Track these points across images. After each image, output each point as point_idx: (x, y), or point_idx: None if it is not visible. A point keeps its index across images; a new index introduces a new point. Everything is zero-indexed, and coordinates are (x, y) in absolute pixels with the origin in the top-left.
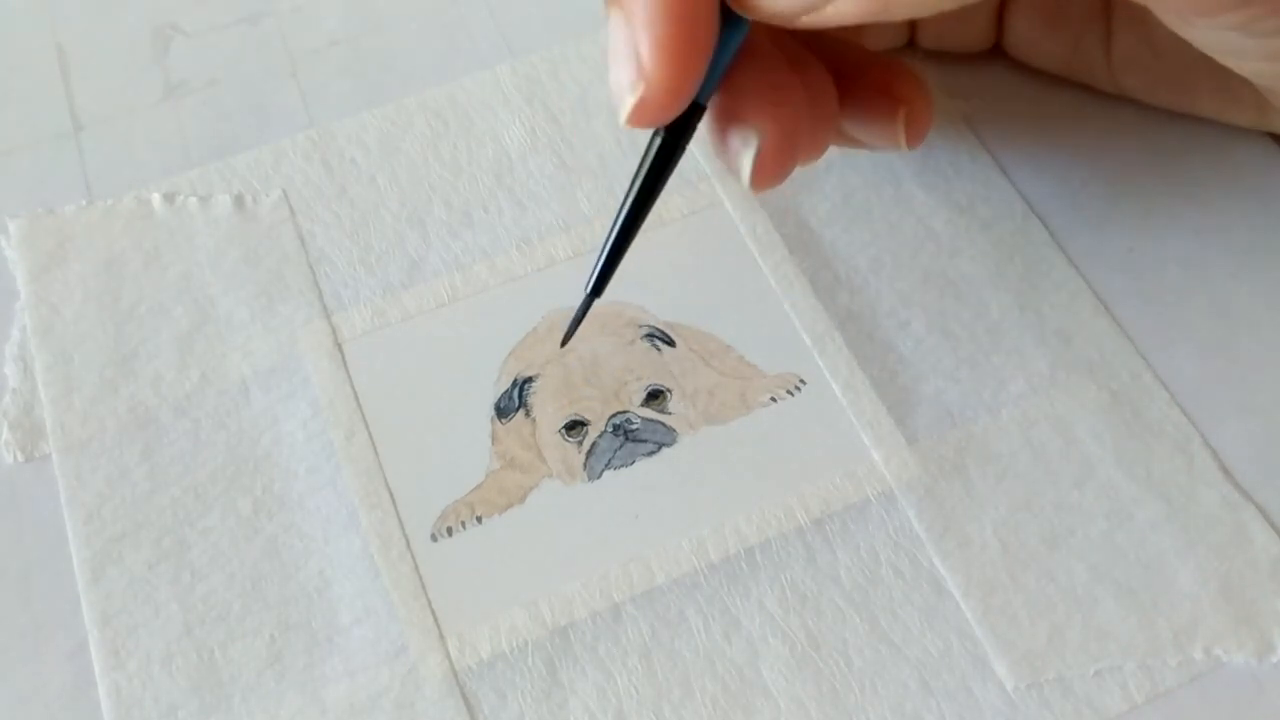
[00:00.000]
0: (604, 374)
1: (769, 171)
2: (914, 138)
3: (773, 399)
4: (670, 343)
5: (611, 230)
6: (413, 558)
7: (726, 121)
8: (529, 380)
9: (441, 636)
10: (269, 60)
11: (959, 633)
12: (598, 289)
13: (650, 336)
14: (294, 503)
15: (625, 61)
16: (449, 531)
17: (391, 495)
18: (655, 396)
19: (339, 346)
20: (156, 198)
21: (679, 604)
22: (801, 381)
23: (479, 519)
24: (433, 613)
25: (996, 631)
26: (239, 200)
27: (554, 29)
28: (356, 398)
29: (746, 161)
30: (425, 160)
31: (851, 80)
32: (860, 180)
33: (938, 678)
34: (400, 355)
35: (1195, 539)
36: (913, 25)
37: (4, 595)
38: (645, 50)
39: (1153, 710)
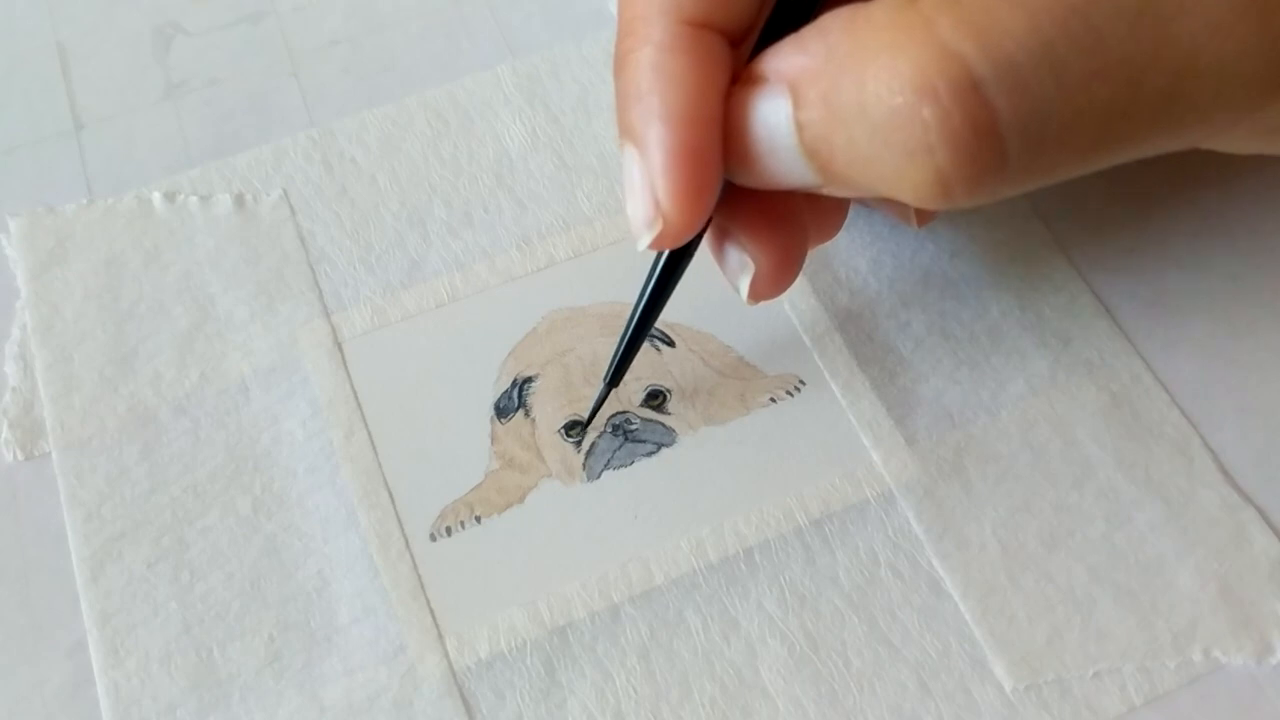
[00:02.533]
0: (603, 374)
1: (766, 293)
2: (924, 220)
3: (772, 399)
4: (670, 343)
5: (626, 330)
6: (411, 557)
7: (723, 240)
8: (528, 380)
9: (440, 636)
10: (270, 59)
11: (958, 634)
12: (615, 380)
13: (650, 336)
14: (293, 502)
15: (642, 199)
16: (448, 531)
17: (390, 495)
18: (655, 397)
19: (339, 346)
20: (157, 197)
21: (678, 604)
22: (801, 382)
23: (478, 519)
24: (431, 612)
25: (995, 632)
26: (239, 199)
27: (555, 29)
28: (356, 397)
29: (743, 284)
30: (426, 160)
31: None
32: None
33: (936, 679)
34: (400, 355)
35: (1194, 541)
36: None
37: (3, 593)
38: (661, 192)
39: (1151, 712)
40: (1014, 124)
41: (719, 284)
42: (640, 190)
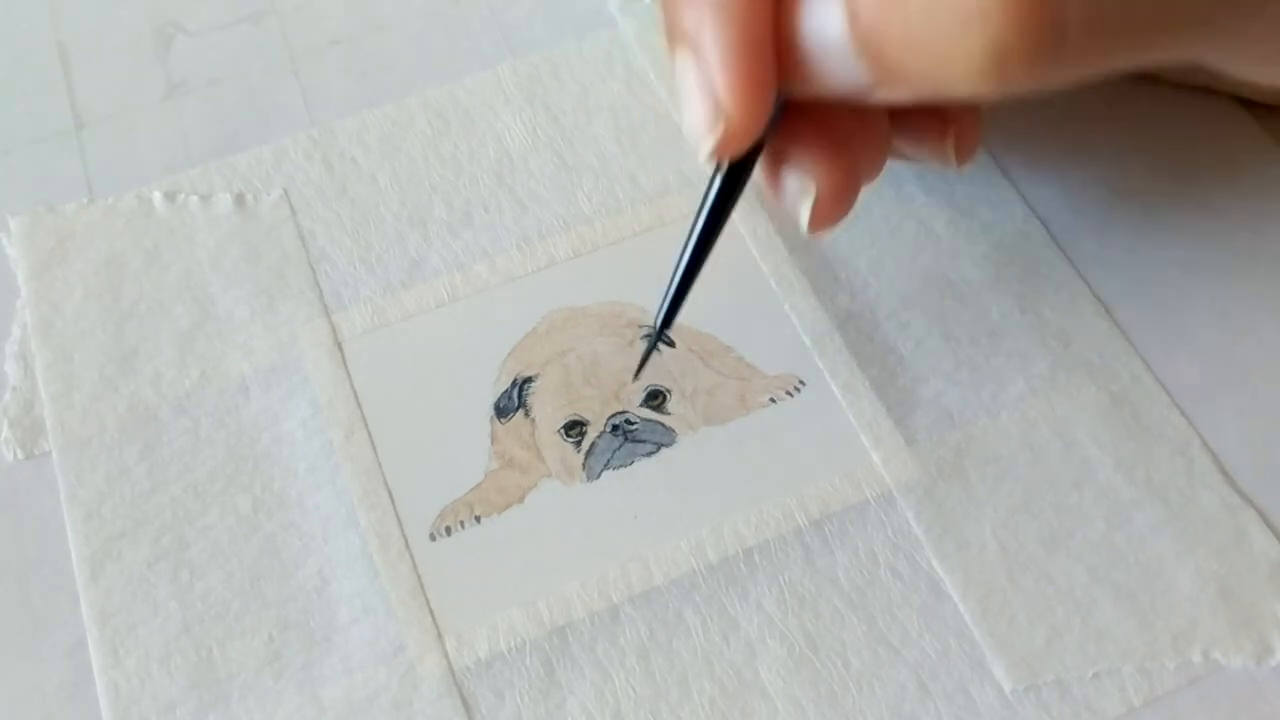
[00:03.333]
0: (603, 374)
1: (828, 218)
2: (964, 156)
3: (772, 400)
4: (670, 343)
5: (678, 266)
6: (411, 557)
7: (780, 164)
8: (528, 380)
9: (439, 636)
10: (270, 59)
11: (957, 634)
12: (667, 322)
13: (649, 337)
14: (293, 501)
15: (702, 101)
16: (447, 531)
17: (390, 494)
18: (654, 397)
19: (339, 345)
20: (157, 196)
21: (677, 604)
22: (801, 382)
23: (478, 518)
24: (431, 612)
25: (995, 633)
26: (240, 199)
27: (555, 29)
28: (356, 397)
29: (805, 209)
30: (426, 160)
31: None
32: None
33: (935, 679)
34: (400, 355)
35: (1194, 542)
36: None
37: (3, 592)
38: (722, 89)
39: (1151, 713)
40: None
41: (719, 284)
42: (698, 94)
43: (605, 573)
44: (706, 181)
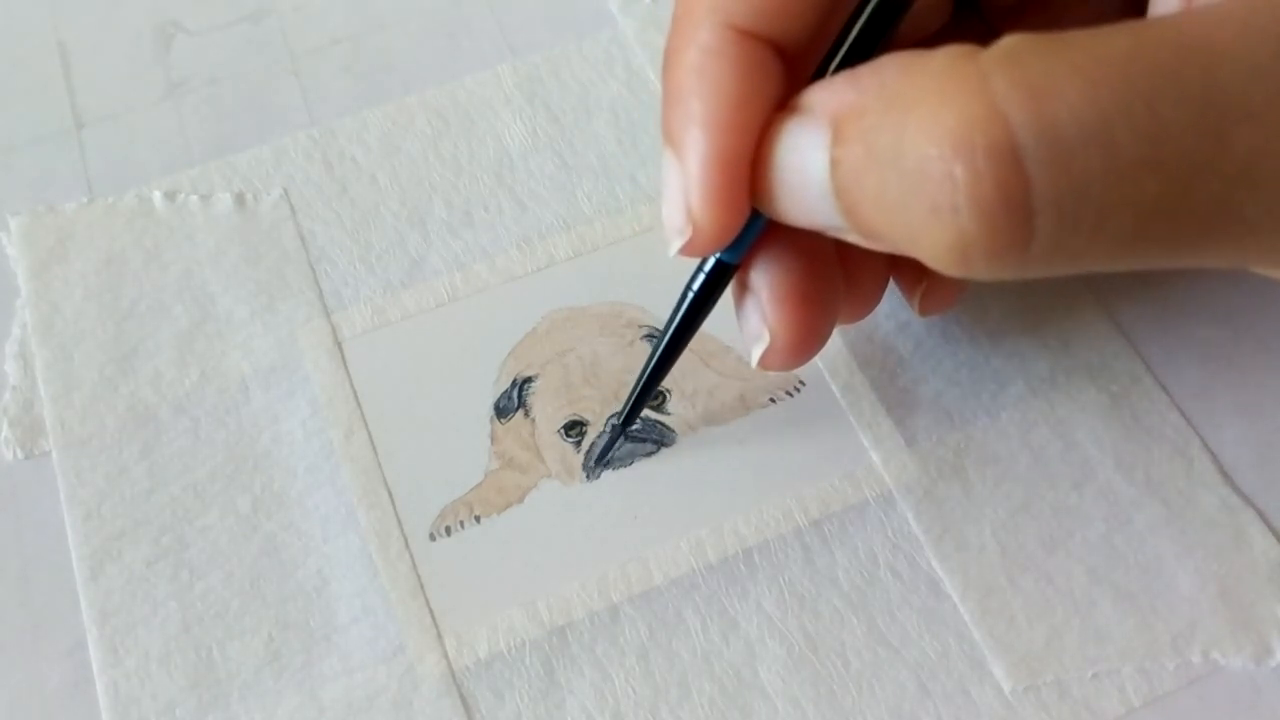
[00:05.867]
0: (603, 374)
1: (775, 366)
2: (928, 308)
3: (772, 400)
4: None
5: (647, 366)
6: (411, 557)
7: (743, 301)
8: (528, 380)
9: (439, 636)
10: (270, 59)
11: (957, 635)
12: (629, 420)
13: (650, 337)
14: (293, 501)
15: (677, 205)
16: (447, 531)
17: (390, 494)
18: (655, 397)
19: (339, 345)
20: (157, 196)
21: (677, 604)
22: (801, 383)
23: (477, 518)
24: (430, 612)
25: (994, 634)
26: (240, 198)
27: (555, 28)
28: (356, 396)
29: (755, 351)
30: (426, 159)
31: None
32: None
33: (935, 679)
34: (400, 354)
35: (1194, 542)
36: None
37: (3, 592)
38: (694, 198)
39: (1150, 713)
40: (1048, 201)
41: None
42: (675, 195)
43: (605, 573)
44: (680, 306)
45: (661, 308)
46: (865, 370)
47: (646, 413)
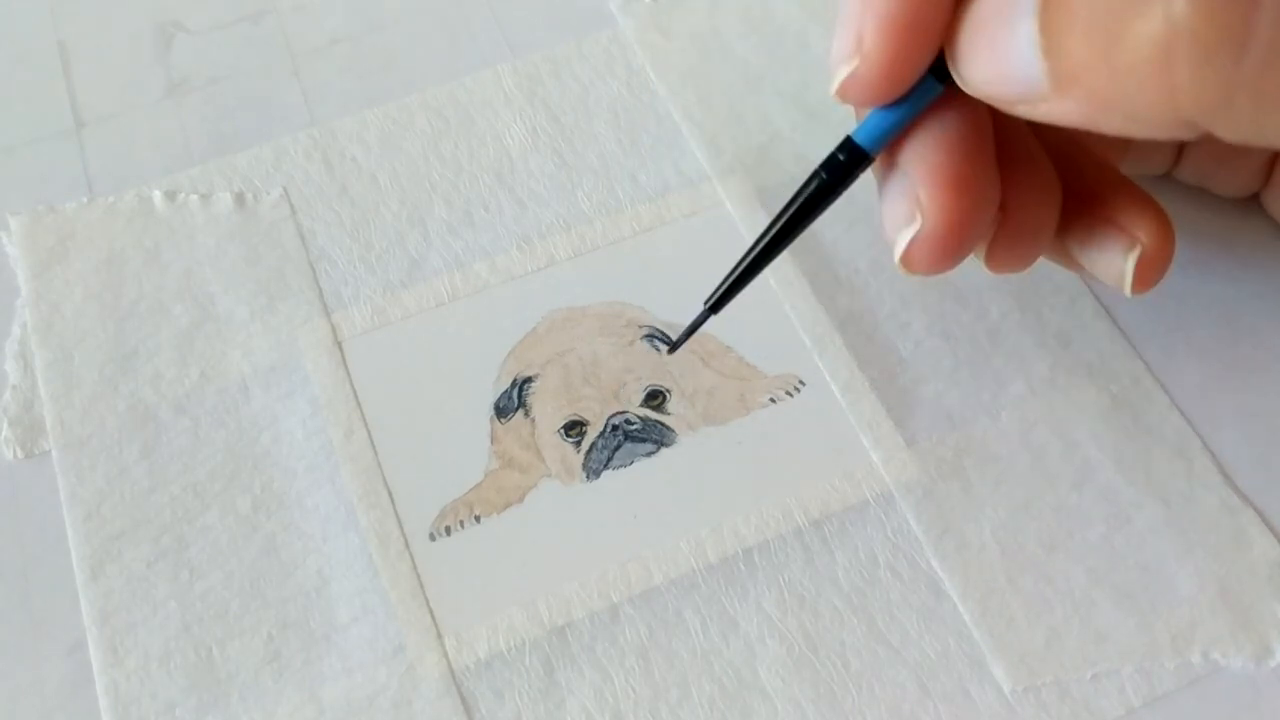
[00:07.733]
0: (603, 374)
1: (921, 263)
2: (1141, 284)
3: (772, 400)
4: (670, 343)
5: (749, 253)
6: (411, 557)
7: (892, 185)
8: (528, 380)
9: (439, 636)
10: (270, 58)
11: (957, 635)
12: (717, 306)
13: (650, 337)
14: (293, 501)
15: (848, 34)
16: (447, 531)
17: (390, 494)
18: (654, 397)
19: (339, 345)
20: (157, 195)
21: (677, 604)
22: (801, 383)
23: (477, 518)
24: (430, 612)
25: (994, 634)
26: (240, 198)
27: (555, 28)
28: (356, 396)
29: (900, 241)
30: (426, 159)
31: (1087, 199)
32: (861, 181)
33: (935, 680)
34: (400, 354)
35: (1194, 543)
36: (1178, 156)
37: (3, 592)
38: (869, 28)
39: (1150, 714)
40: (1272, 10)
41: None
42: (849, 22)
43: (605, 573)
44: (802, 191)
45: (662, 308)
46: (865, 370)
47: (646, 413)
